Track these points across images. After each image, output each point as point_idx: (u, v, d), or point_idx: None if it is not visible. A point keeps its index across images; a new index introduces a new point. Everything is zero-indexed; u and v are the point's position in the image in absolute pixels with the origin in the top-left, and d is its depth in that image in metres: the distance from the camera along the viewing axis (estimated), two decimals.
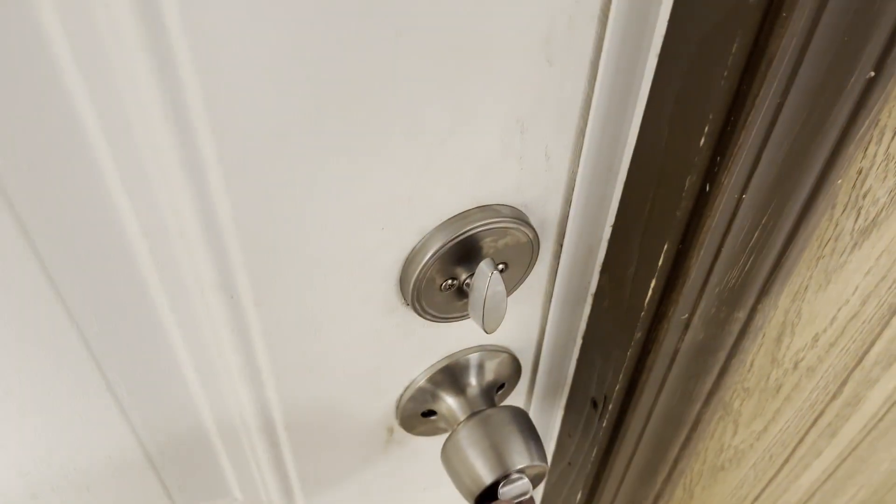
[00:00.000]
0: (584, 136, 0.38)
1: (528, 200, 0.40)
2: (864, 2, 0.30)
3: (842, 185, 0.41)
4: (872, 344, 0.62)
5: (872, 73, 0.33)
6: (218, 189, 0.30)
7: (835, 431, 0.76)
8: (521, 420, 0.47)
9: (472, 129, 0.34)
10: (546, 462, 0.46)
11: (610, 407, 0.50)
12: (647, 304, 0.42)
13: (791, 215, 0.39)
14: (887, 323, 0.60)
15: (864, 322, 0.58)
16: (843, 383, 0.66)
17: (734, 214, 0.37)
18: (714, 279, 0.41)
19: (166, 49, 0.25)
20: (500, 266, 0.42)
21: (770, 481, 0.81)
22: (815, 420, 0.71)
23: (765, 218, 0.38)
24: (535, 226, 0.41)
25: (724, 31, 0.31)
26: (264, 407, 0.41)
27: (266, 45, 0.27)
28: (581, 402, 0.53)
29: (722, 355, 0.48)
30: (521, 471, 0.45)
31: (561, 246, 0.44)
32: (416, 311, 0.41)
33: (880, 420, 0.81)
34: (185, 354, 0.37)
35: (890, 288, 0.55)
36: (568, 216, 0.42)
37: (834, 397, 0.68)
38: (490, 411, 0.47)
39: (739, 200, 0.36)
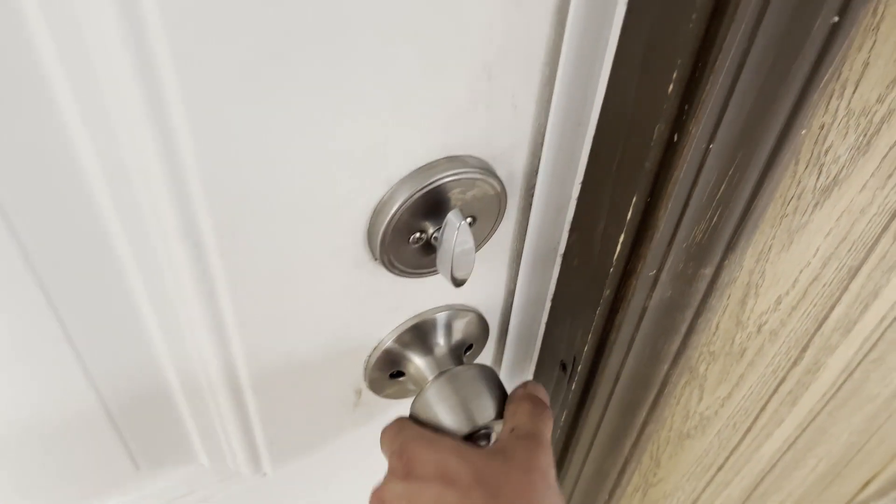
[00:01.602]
0: (552, 87, 0.38)
1: (496, 152, 0.40)
2: None
3: (804, 139, 0.41)
4: (832, 308, 0.63)
5: (836, 19, 0.33)
6: (181, 127, 0.29)
7: (795, 399, 0.78)
8: (489, 376, 0.47)
9: (441, 74, 0.34)
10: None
11: (579, 369, 0.50)
12: (616, 260, 0.42)
13: (757, 167, 0.39)
14: (846, 287, 0.61)
15: (824, 285, 0.59)
16: (804, 349, 0.67)
17: (702, 165, 0.37)
18: (682, 234, 0.41)
19: None
20: (469, 219, 0.41)
21: (733, 450, 0.82)
22: (777, 387, 0.72)
23: (731, 169, 0.39)
24: (502, 179, 0.41)
25: None
26: (229, 364, 0.41)
27: None
28: (550, 366, 0.53)
29: (689, 313, 0.49)
30: (489, 425, 0.45)
31: (530, 202, 0.44)
32: (384, 265, 0.41)
33: (839, 389, 0.83)
34: (147, 306, 0.36)
35: (849, 250, 0.56)
36: (537, 170, 0.42)
37: (795, 363, 0.69)
38: (458, 369, 0.46)
39: (707, 151, 0.37)
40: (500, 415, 0.45)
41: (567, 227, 0.46)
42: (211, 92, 0.29)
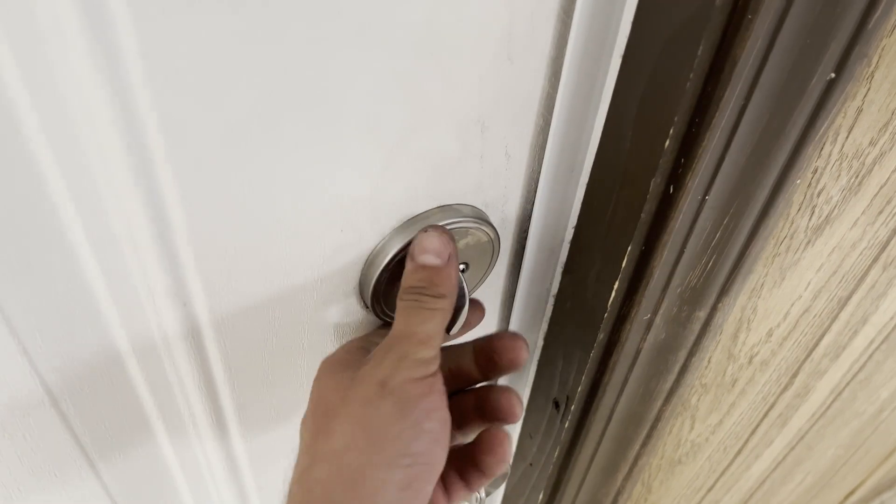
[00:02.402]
0: (545, 136, 0.38)
1: (489, 200, 0.40)
2: (827, 3, 0.30)
3: (799, 185, 0.41)
4: (822, 337, 0.63)
5: (833, 75, 0.33)
6: (169, 189, 0.28)
7: (785, 421, 0.78)
8: None
9: (431, 129, 0.34)
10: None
11: (572, 408, 0.49)
12: (610, 305, 0.42)
13: (752, 215, 0.39)
14: (836, 316, 0.61)
15: (815, 316, 0.59)
16: (794, 375, 0.67)
17: (697, 216, 0.37)
18: (676, 280, 0.41)
19: (112, 44, 0.24)
20: (462, 266, 0.41)
21: (723, 472, 0.82)
22: (768, 411, 0.72)
23: (726, 219, 0.38)
24: (495, 225, 0.41)
25: (690, 33, 0.30)
26: (225, 430, 0.40)
27: (214, 39, 0.25)
28: (543, 404, 0.53)
29: (683, 354, 0.48)
30: None
31: (522, 246, 0.44)
32: (376, 314, 0.40)
33: (827, 409, 0.83)
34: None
35: (840, 283, 0.56)
36: (530, 216, 0.42)
37: (785, 389, 0.69)
38: None
39: (702, 202, 0.36)
40: None
41: (560, 269, 0.45)
42: (198, 155, 0.28)
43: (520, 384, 0.55)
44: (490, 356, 0.41)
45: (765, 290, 0.50)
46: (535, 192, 0.41)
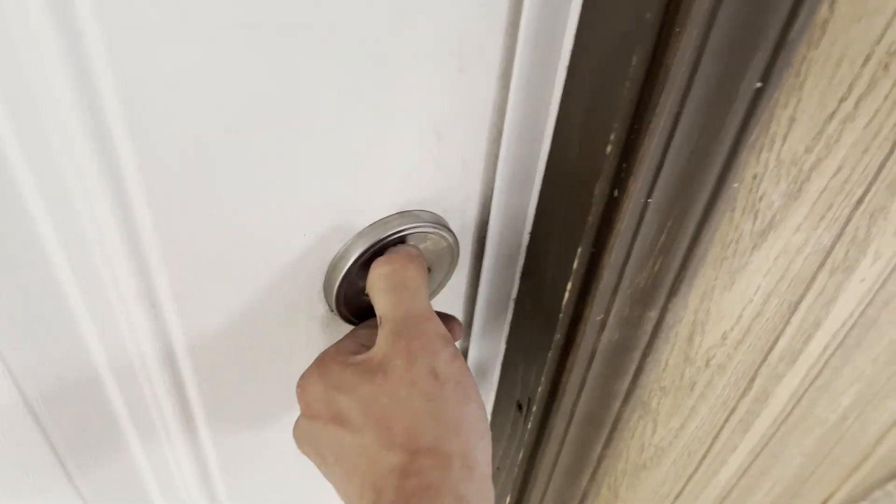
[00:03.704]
0: (499, 144, 0.40)
1: (448, 206, 0.42)
2: (751, 17, 0.32)
3: (739, 189, 0.44)
4: (776, 341, 0.66)
5: (759, 84, 0.36)
6: (139, 201, 0.30)
7: (747, 427, 0.80)
8: None
9: (390, 137, 0.36)
10: None
11: (534, 409, 0.51)
12: (565, 306, 0.44)
13: (694, 218, 0.41)
14: (788, 321, 0.63)
15: (767, 320, 0.61)
16: (752, 380, 0.70)
17: (641, 218, 0.39)
18: (626, 281, 0.43)
19: (83, 56, 0.26)
20: None
21: (690, 478, 0.84)
22: (729, 416, 0.74)
23: (670, 221, 0.41)
24: (455, 231, 0.43)
25: (625, 45, 0.33)
26: (193, 427, 0.41)
27: (182, 54, 0.27)
28: (507, 406, 0.55)
29: (637, 354, 0.50)
30: None
31: (482, 251, 0.46)
32: (341, 316, 0.42)
33: (788, 415, 0.85)
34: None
35: (788, 287, 0.59)
36: (487, 222, 0.44)
37: (744, 393, 0.71)
38: None
39: (646, 204, 0.39)
40: None
41: (518, 273, 0.47)
42: (166, 166, 0.30)
43: (485, 388, 0.56)
44: None
45: (716, 293, 0.53)
46: (492, 199, 0.43)
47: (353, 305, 0.42)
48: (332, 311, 0.42)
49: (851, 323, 0.73)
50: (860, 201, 0.54)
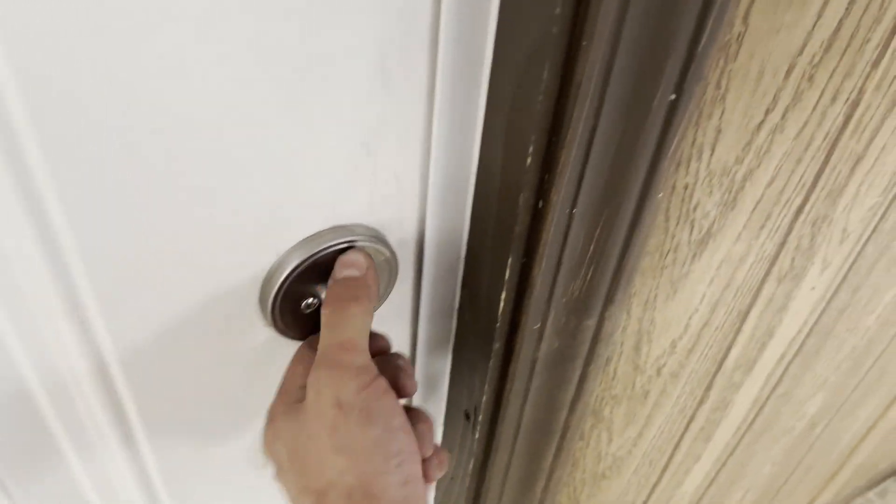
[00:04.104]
0: (430, 158, 0.41)
1: (384, 220, 0.43)
2: (657, 32, 0.33)
3: (666, 200, 0.45)
4: (729, 349, 0.66)
5: (674, 96, 0.37)
6: (59, 219, 0.31)
7: (709, 436, 0.81)
8: None
9: (318, 152, 0.36)
10: None
11: (480, 418, 0.52)
12: (501, 315, 0.45)
13: (622, 228, 0.42)
14: (739, 329, 0.64)
15: (716, 329, 0.62)
16: (708, 388, 0.70)
17: (568, 228, 0.40)
18: (559, 290, 0.44)
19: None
20: None
21: (654, 487, 0.85)
22: (688, 424, 0.75)
23: (597, 231, 0.42)
24: (393, 244, 0.43)
25: (536, 60, 0.34)
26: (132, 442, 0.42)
27: (94, 67, 0.28)
28: (456, 416, 0.55)
29: (579, 362, 0.51)
30: None
31: (421, 263, 0.46)
32: (278, 330, 0.42)
33: (751, 423, 0.86)
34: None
35: (735, 296, 0.60)
36: (424, 235, 0.45)
37: (702, 402, 0.72)
38: None
39: (571, 215, 0.40)
40: None
41: (459, 283, 0.48)
42: (83, 181, 0.31)
43: (435, 397, 0.57)
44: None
45: (658, 301, 0.54)
46: (426, 211, 0.43)
47: (291, 319, 0.42)
48: (269, 324, 0.42)
49: (807, 331, 0.74)
50: (800, 210, 0.55)
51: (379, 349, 0.44)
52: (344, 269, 0.40)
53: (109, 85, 0.28)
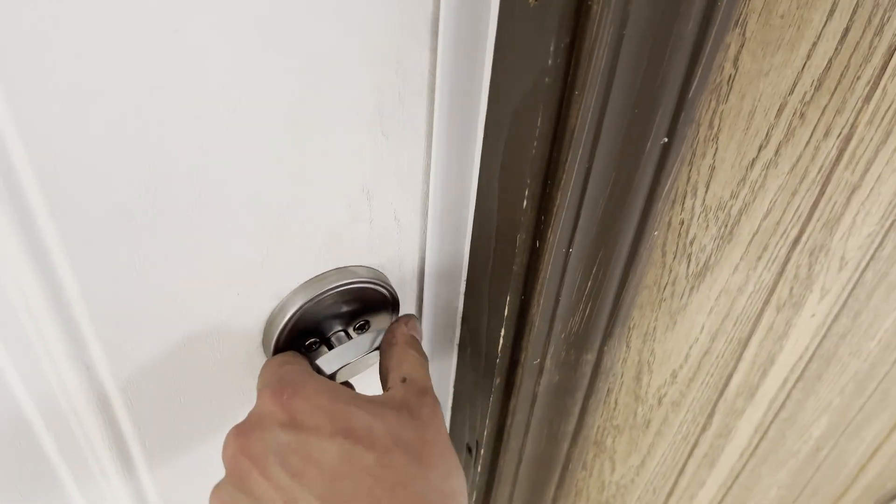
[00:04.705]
0: (428, 201, 0.42)
1: (385, 260, 0.43)
2: (648, 80, 0.34)
3: (663, 236, 0.45)
4: (730, 377, 0.67)
5: (666, 139, 0.37)
6: (63, 267, 0.32)
7: (713, 462, 0.81)
8: None
9: (318, 198, 0.37)
10: None
11: (482, 452, 0.52)
12: (501, 350, 0.45)
13: (619, 265, 0.43)
14: (740, 357, 0.65)
15: (717, 357, 0.62)
16: (710, 415, 0.71)
17: (565, 267, 0.41)
18: (558, 326, 0.45)
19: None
20: (362, 322, 0.44)
21: None
22: (691, 451, 0.75)
23: (594, 269, 0.42)
24: (393, 284, 0.44)
25: (531, 107, 0.35)
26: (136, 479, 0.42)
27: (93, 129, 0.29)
28: (458, 449, 0.56)
29: (580, 396, 0.52)
30: None
31: (422, 300, 0.47)
32: None
33: (756, 448, 0.86)
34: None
35: (735, 325, 0.60)
36: (424, 273, 0.46)
37: (705, 428, 0.72)
38: None
39: (567, 254, 0.40)
40: None
41: (459, 320, 0.49)
42: (91, 236, 0.31)
43: None
44: None
45: (658, 333, 0.54)
46: (426, 251, 0.44)
47: None
48: None
49: (808, 357, 0.74)
50: (797, 241, 0.56)
51: None
52: (416, 329, 0.43)
53: (115, 149, 0.29)
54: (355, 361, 0.41)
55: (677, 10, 0.32)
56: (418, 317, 0.49)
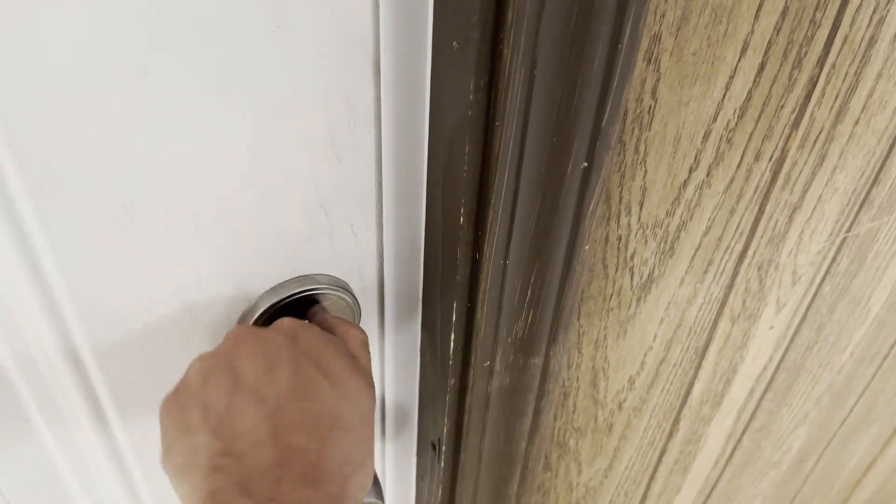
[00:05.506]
0: (382, 216, 0.47)
1: (346, 270, 0.48)
2: (563, 112, 0.39)
3: (601, 250, 0.50)
4: (692, 385, 0.71)
5: (585, 164, 0.42)
6: (55, 274, 0.37)
7: (685, 468, 0.84)
8: None
9: (279, 213, 0.43)
10: (382, 499, 0.53)
11: (443, 449, 0.57)
12: (453, 354, 0.50)
13: (555, 276, 0.48)
14: (699, 365, 0.69)
15: (674, 365, 0.66)
16: (676, 421, 0.74)
17: (504, 277, 0.46)
18: (503, 331, 0.49)
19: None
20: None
21: None
22: (660, 457, 0.79)
23: (532, 279, 0.47)
24: (356, 291, 0.49)
25: (459, 136, 0.39)
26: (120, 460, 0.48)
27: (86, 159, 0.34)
28: (425, 446, 0.60)
29: (531, 397, 0.56)
30: None
31: (383, 308, 0.52)
32: None
33: (731, 457, 0.89)
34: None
35: (689, 334, 0.64)
36: (384, 284, 0.50)
37: (672, 435, 0.76)
38: None
39: (505, 265, 0.45)
40: (370, 496, 0.52)
41: (420, 326, 0.54)
42: (79, 253, 0.37)
43: (408, 430, 0.62)
44: None
45: (609, 340, 0.58)
46: (384, 261, 0.49)
47: None
48: None
49: (773, 368, 0.78)
50: (742, 256, 0.60)
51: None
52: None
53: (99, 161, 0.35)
54: None
55: (582, 54, 0.37)
56: (381, 331, 0.54)
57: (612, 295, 0.55)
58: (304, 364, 0.38)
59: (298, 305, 0.47)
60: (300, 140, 0.40)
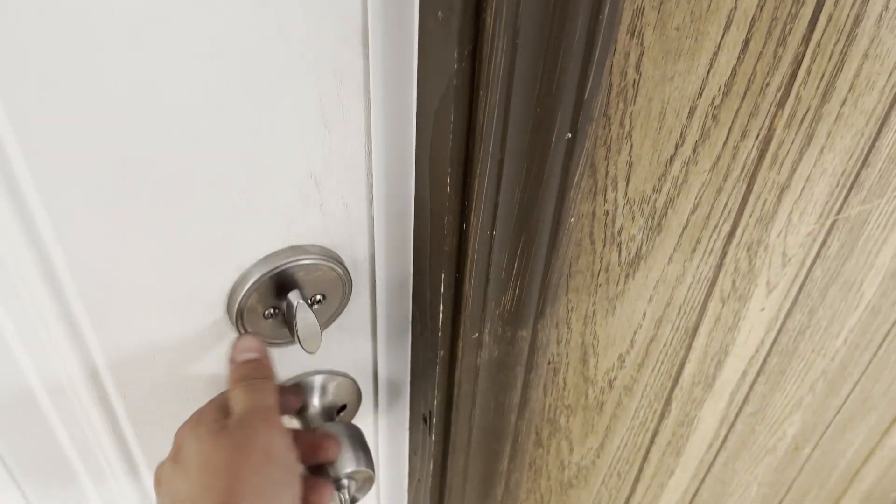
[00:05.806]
0: (372, 187, 0.48)
1: (337, 241, 0.49)
2: (546, 83, 0.40)
3: (588, 224, 0.51)
4: (683, 365, 0.71)
5: (570, 135, 0.43)
6: (51, 241, 0.39)
7: (678, 450, 0.85)
8: (353, 433, 0.55)
9: (271, 184, 0.44)
10: (372, 469, 0.54)
11: (434, 422, 0.58)
12: (442, 325, 0.51)
13: (542, 247, 0.48)
14: (689, 346, 0.69)
15: (665, 344, 0.67)
16: (667, 402, 0.75)
17: (491, 248, 0.47)
18: (491, 303, 0.50)
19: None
20: (319, 297, 0.50)
21: (628, 500, 0.89)
22: (653, 438, 0.79)
23: (518, 250, 0.48)
24: (347, 263, 0.50)
25: (446, 105, 0.40)
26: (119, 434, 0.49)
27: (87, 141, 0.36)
28: (417, 419, 0.61)
29: (520, 370, 0.57)
30: (350, 475, 0.53)
31: (374, 279, 0.53)
32: (239, 330, 0.49)
33: (724, 440, 0.90)
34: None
35: (679, 313, 0.65)
36: (374, 254, 0.52)
37: (663, 416, 0.77)
38: (325, 425, 0.55)
39: (492, 236, 0.46)
40: (361, 465, 0.53)
41: (411, 298, 0.55)
42: (79, 222, 0.38)
43: (400, 403, 0.63)
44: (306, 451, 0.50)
45: (598, 317, 0.59)
46: (374, 233, 0.50)
47: (256, 326, 0.49)
48: (237, 330, 0.49)
49: (766, 350, 0.78)
50: (731, 235, 0.61)
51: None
52: (242, 353, 0.48)
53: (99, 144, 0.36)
54: None
55: (563, 23, 0.38)
56: (373, 303, 0.55)
57: (600, 270, 0.55)
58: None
59: (291, 274, 0.48)
60: (290, 111, 0.41)
